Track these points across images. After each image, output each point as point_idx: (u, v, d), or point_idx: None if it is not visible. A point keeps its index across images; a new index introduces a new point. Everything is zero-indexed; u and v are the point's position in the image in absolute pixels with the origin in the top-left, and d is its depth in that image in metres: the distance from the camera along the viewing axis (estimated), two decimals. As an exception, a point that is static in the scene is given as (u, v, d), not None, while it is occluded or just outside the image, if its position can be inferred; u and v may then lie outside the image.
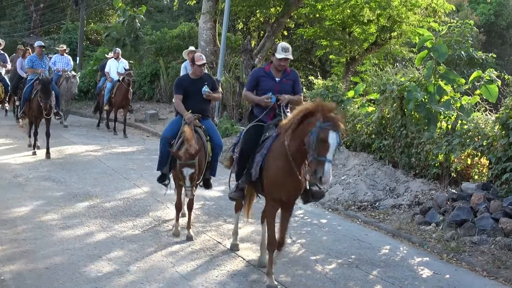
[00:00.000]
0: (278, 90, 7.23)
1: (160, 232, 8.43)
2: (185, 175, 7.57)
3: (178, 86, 8.42)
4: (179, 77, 8.84)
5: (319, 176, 5.74)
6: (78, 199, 9.89)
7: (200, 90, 8.29)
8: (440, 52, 10.90)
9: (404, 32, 23.51)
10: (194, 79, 8.41)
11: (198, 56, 8.43)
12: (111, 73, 18.32)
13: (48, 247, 7.38)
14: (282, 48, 7.14)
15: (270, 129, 6.92)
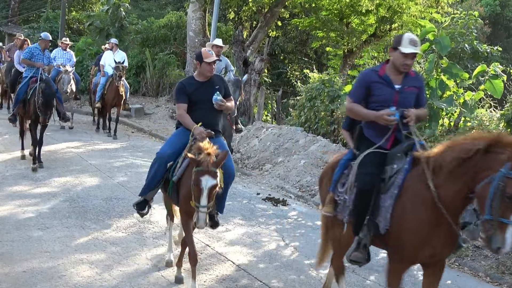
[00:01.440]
0: (398, 102, 5.60)
1: (145, 233, 8.42)
2: (202, 187, 5.90)
3: (180, 92, 6.85)
4: (181, 80, 7.09)
5: (495, 245, 4.49)
6: (58, 198, 9.86)
7: (210, 97, 6.83)
8: (442, 45, 10.94)
9: (405, 24, 23.57)
10: (202, 82, 6.92)
11: (207, 51, 6.93)
12: (106, 66, 17.59)
13: (25, 250, 7.35)
14: (409, 40, 5.56)
15: (398, 159, 5.41)
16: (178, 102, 6.90)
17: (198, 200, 5.93)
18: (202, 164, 5.97)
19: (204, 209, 5.90)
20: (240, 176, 13.15)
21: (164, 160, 6.77)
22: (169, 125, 19.82)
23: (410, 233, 5.01)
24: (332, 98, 14.87)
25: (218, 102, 6.81)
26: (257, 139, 15.31)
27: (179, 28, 26.20)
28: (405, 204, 5.10)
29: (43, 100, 11.66)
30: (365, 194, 5.35)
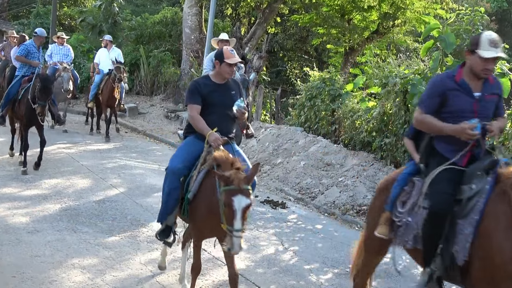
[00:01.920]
0: (477, 112, 5.08)
1: (139, 237, 8.41)
2: (235, 208, 5.27)
3: (194, 92, 6.35)
4: (196, 79, 6.68)
5: None
6: (49, 201, 9.85)
7: (226, 101, 6.37)
8: (447, 42, 10.94)
9: (408, 20, 23.61)
10: (219, 84, 6.45)
11: (229, 51, 6.44)
12: (101, 64, 17.34)
13: (15, 254, 7.33)
14: (489, 42, 4.95)
15: (478, 178, 4.83)
16: (191, 103, 6.34)
17: (231, 223, 5.29)
18: (232, 182, 5.32)
19: (238, 233, 5.25)
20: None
21: (176, 176, 6.17)
22: (164, 125, 19.84)
23: (498, 265, 4.40)
24: (333, 97, 14.88)
25: (240, 110, 6.31)
26: (255, 139, 15.31)
27: (175, 24, 26.21)
28: (487, 230, 4.55)
29: (40, 85, 11.18)
30: (439, 217, 4.85)
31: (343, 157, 12.95)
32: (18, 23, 34.57)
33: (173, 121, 20.61)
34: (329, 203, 11.20)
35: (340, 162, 12.84)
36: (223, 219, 5.40)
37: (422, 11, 22.89)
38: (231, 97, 6.41)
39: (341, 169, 12.54)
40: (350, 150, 13.31)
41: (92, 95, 17.11)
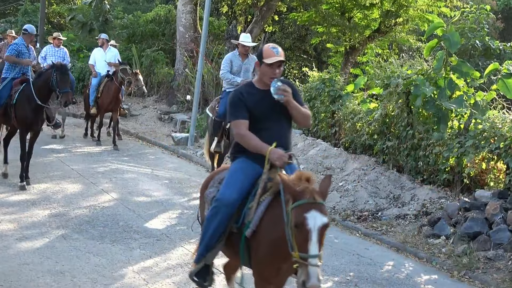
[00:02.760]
0: None
1: (131, 244, 8.42)
2: (310, 227, 4.43)
3: (237, 105, 5.48)
4: (237, 89, 5.73)
5: None
6: (38, 206, 9.86)
7: (276, 112, 5.45)
8: (452, 41, 10.97)
9: (411, 18, 23.61)
10: (267, 90, 5.41)
11: (270, 49, 5.49)
12: (97, 66, 16.84)
13: (3, 262, 7.34)
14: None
15: None
16: (236, 118, 5.45)
17: (305, 248, 4.42)
18: (304, 195, 4.52)
19: (315, 261, 4.37)
20: (234, 183, 13.16)
21: (230, 209, 5.31)
22: (157, 127, 19.85)
23: None
24: (333, 99, 14.88)
25: (279, 88, 5.29)
26: (252, 142, 15.31)
27: (168, 22, 26.23)
28: None
29: (58, 73, 10.82)
30: None
31: (344, 161, 12.97)
32: (5, 21, 34.54)
33: (166, 123, 20.62)
34: (329, 209, 11.22)
35: (341, 166, 12.86)
36: (294, 245, 4.52)
37: (426, 9, 22.90)
38: (281, 105, 5.43)
39: (341, 173, 12.57)
40: (350, 154, 13.33)
41: (92, 100, 16.51)
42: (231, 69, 11.21)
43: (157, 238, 8.74)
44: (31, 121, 11.07)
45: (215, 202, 5.39)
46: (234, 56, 11.39)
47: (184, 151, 16.18)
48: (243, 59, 11.31)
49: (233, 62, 11.29)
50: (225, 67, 11.17)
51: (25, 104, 10.99)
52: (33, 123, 11.15)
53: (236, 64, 11.25)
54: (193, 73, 20.50)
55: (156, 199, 11.05)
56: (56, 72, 10.83)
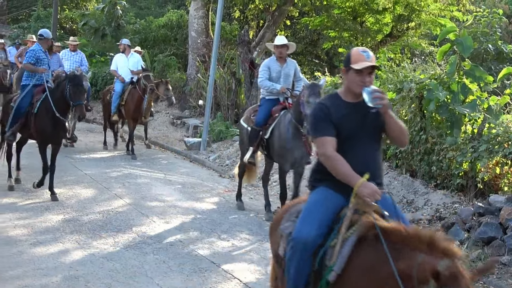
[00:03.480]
0: None
1: (145, 249, 8.43)
2: None
3: (322, 119, 4.72)
4: (321, 101, 5.03)
5: None
6: (51, 211, 9.89)
7: (365, 129, 4.74)
8: (464, 46, 10.93)
9: (424, 22, 23.59)
10: (355, 104, 4.74)
11: (359, 52, 4.72)
12: (120, 71, 16.29)
13: (17, 267, 7.38)
14: None
15: None
16: (322, 135, 4.68)
17: None
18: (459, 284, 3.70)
19: None
20: (247, 188, 13.16)
21: (309, 249, 4.59)
22: (170, 132, 19.88)
23: None
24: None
25: (375, 92, 4.57)
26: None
27: (180, 27, 26.30)
28: None
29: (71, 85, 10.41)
30: None
31: (356, 166, 12.94)
32: (18, 27, 34.80)
33: (179, 128, 20.65)
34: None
35: (353, 171, 12.82)
36: None
37: (438, 13, 22.89)
38: (373, 121, 4.74)
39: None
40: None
41: (115, 107, 15.97)
42: (270, 76, 10.59)
43: (171, 243, 8.75)
44: (51, 133, 10.68)
45: (292, 241, 4.68)
46: (272, 62, 10.76)
47: (197, 156, 16.21)
48: (282, 64, 10.69)
49: (271, 68, 10.65)
50: (263, 74, 10.58)
51: (45, 115, 10.57)
52: (53, 136, 10.75)
53: (275, 70, 10.64)
54: (205, 78, 20.52)
55: (169, 204, 11.07)
56: (69, 84, 10.41)
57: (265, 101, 10.63)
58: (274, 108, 10.46)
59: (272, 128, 10.23)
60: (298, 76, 10.96)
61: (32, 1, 42.49)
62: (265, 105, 10.61)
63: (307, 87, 9.46)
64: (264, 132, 10.31)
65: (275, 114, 10.37)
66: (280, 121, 10.16)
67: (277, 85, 10.44)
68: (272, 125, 10.26)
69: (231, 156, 15.62)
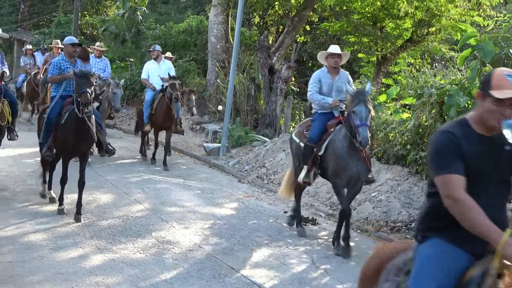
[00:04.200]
0: None
1: (164, 255, 8.45)
2: None
3: (448, 151, 3.81)
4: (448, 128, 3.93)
5: None
6: (71, 216, 9.92)
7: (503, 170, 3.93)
8: (485, 51, 10.88)
9: (444, 28, 23.47)
10: (488, 137, 3.90)
11: (504, 75, 3.78)
12: (151, 80, 15.68)
13: (37, 271, 7.40)
14: None
15: None
16: (447, 172, 3.77)
17: None
18: None
19: None
20: (266, 193, 13.17)
21: None
22: (189, 137, 19.90)
23: None
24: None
25: None
26: (284, 152, 15.31)
27: (200, 33, 26.37)
28: None
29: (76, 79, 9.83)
30: None
31: (376, 171, 12.88)
32: (39, 32, 35.04)
33: (198, 134, 20.70)
34: (362, 220, 11.17)
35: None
36: None
37: (458, 18, 22.77)
38: (508, 160, 3.94)
39: (374, 183, 12.48)
40: (383, 164, 13.24)
41: (147, 117, 15.31)
42: (320, 89, 9.85)
43: (190, 248, 8.77)
44: (75, 144, 9.97)
45: None
46: (323, 74, 9.95)
47: (216, 161, 16.23)
48: (334, 77, 9.88)
49: (322, 81, 9.85)
50: (313, 87, 9.83)
51: (70, 125, 9.86)
52: (76, 145, 10.04)
53: (326, 83, 9.84)
54: (224, 83, 20.56)
55: (188, 209, 11.09)
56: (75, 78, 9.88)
57: (318, 116, 9.87)
58: (329, 123, 9.67)
59: (327, 144, 9.45)
60: (350, 83, 9.95)
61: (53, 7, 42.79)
62: (318, 120, 9.84)
63: (352, 95, 8.90)
64: (318, 148, 9.53)
65: (330, 129, 9.58)
66: (335, 136, 9.37)
67: (329, 99, 9.70)
68: (327, 140, 9.47)
69: (250, 161, 15.62)
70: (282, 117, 19.10)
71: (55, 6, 42.45)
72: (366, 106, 8.70)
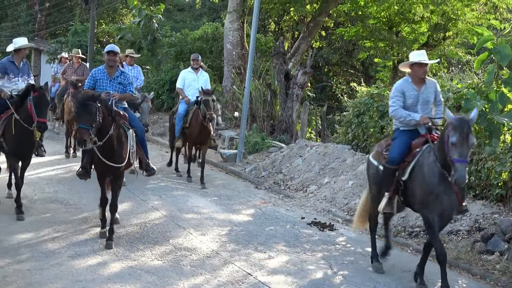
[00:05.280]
0: None
1: (182, 262, 8.46)
2: None
3: None
4: None
5: None
6: (90, 224, 9.97)
7: None
8: (502, 54, 10.80)
9: (460, 31, 23.41)
10: None
11: None
12: (187, 90, 14.49)
13: (56, 279, 7.44)
14: None
15: None
16: None
17: None
18: None
19: None
20: (283, 199, 13.16)
21: None
22: (206, 144, 19.90)
23: None
24: (382, 114, 14.79)
25: None
26: (300, 158, 15.30)
27: (216, 40, 26.46)
28: None
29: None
30: None
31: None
32: (55, 41, 35.20)
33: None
34: (380, 225, 11.10)
35: (390, 182, 12.74)
36: None
37: (475, 22, 22.69)
38: None
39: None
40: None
41: (178, 131, 14.19)
42: (404, 103, 8.49)
43: (207, 255, 8.77)
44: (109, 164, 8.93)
45: None
46: (407, 84, 8.59)
47: (233, 167, 16.24)
48: (420, 87, 8.53)
49: (406, 94, 8.49)
50: (396, 101, 8.48)
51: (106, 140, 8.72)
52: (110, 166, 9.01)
53: (411, 95, 8.49)
54: (240, 90, 20.59)
55: (205, 216, 11.10)
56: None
57: (400, 133, 8.54)
58: (414, 142, 8.29)
59: (412, 168, 8.09)
60: (439, 99, 8.83)
61: (69, 16, 43.05)
62: (400, 138, 8.49)
63: (452, 122, 7.44)
64: (401, 172, 8.24)
65: (415, 149, 8.20)
66: (423, 159, 8.00)
67: (415, 115, 8.34)
68: (412, 163, 8.11)
69: (267, 167, 15.62)
70: (299, 122, 19.11)
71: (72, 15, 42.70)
72: (470, 141, 7.37)
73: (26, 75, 10.90)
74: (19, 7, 46.89)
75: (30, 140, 10.14)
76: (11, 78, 10.63)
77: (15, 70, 10.70)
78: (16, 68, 10.72)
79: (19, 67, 10.78)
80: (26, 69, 11.04)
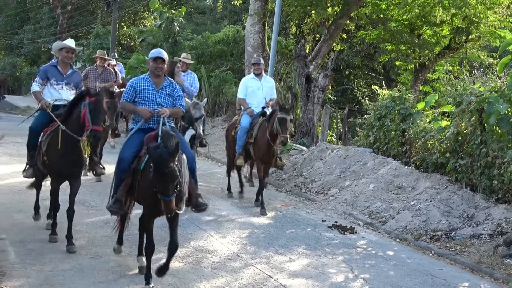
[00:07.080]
0: None
1: (203, 263, 8.48)
2: None
3: None
4: None
5: None
6: (111, 225, 9.98)
7: None
8: (526, 57, 10.76)
9: (483, 34, 23.26)
10: None
11: None
12: (250, 100, 12.92)
13: (78, 280, 7.48)
14: None
15: None
16: None
17: None
18: None
19: None
20: (304, 202, 13.14)
21: None
22: (226, 146, 19.93)
23: None
24: (403, 117, 14.75)
25: None
26: (321, 161, 15.28)
27: (236, 43, 26.49)
28: None
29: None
30: None
31: (415, 180, 12.81)
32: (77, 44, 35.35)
33: (235, 143, 20.72)
34: (401, 228, 11.08)
35: (412, 185, 12.69)
36: None
37: (497, 25, 22.55)
38: None
39: (413, 192, 12.40)
40: (422, 172, 13.15)
41: (240, 146, 12.58)
42: None
43: (228, 257, 8.78)
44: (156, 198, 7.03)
45: None
46: None
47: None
48: None
49: None
50: None
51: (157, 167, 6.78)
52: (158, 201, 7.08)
53: None
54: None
55: (226, 218, 11.11)
56: None
57: None
58: None
59: None
60: None
61: (91, 19, 43.36)
62: None
63: None
64: None
65: None
66: None
67: None
68: None
69: (288, 170, 15.61)
70: (319, 125, 19.09)
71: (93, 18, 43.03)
72: None
73: (74, 86, 9.82)
74: (42, 10, 47.36)
75: (80, 156, 8.90)
76: (53, 84, 9.63)
77: (59, 76, 9.68)
78: (60, 74, 9.69)
79: (64, 74, 9.72)
80: (75, 78, 9.93)
